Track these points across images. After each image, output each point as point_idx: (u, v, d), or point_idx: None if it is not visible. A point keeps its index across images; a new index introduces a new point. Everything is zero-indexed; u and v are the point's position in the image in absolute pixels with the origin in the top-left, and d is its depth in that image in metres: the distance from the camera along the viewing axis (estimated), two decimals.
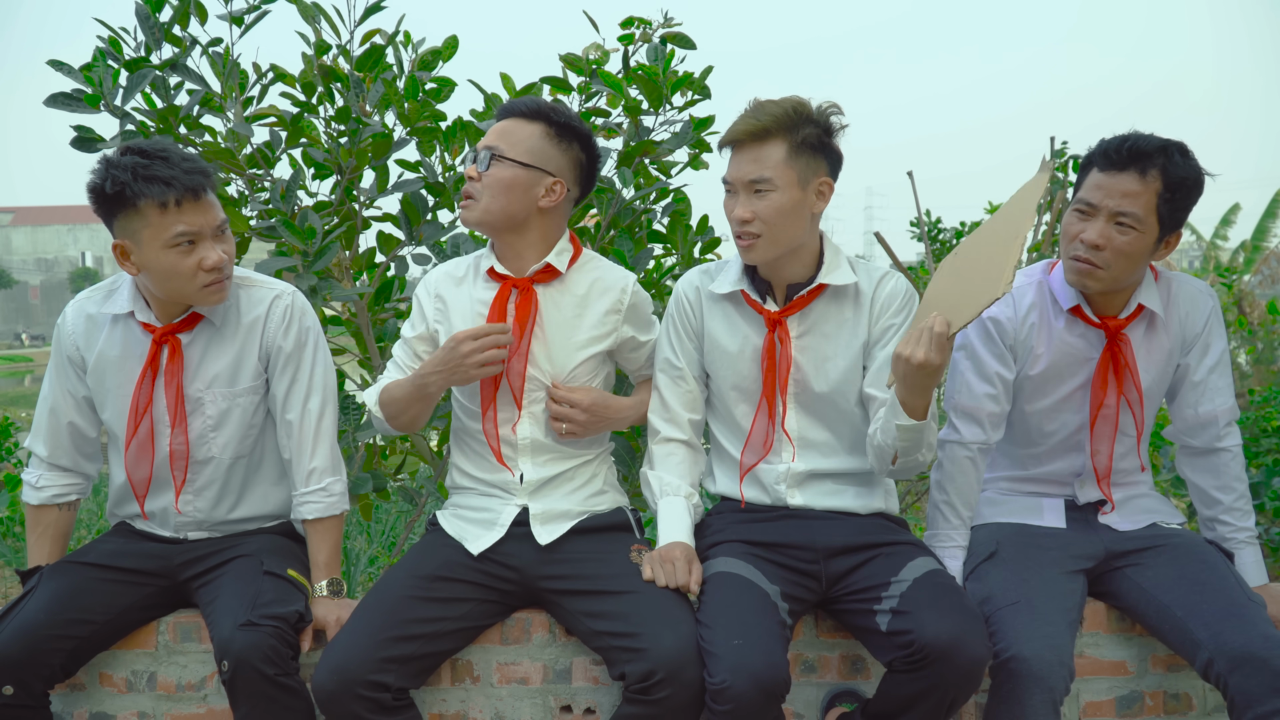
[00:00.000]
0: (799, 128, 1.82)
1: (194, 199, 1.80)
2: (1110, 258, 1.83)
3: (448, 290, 2.03)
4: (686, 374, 2.03)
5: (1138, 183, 1.79)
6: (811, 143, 1.84)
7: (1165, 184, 1.79)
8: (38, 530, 2.01)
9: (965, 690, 1.67)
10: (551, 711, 1.95)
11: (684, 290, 2.05)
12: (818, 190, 1.87)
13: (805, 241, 1.91)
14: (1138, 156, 1.79)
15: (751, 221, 1.84)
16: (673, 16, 2.66)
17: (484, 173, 1.91)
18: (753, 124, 1.82)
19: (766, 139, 1.83)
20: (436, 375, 1.87)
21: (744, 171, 1.84)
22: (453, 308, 2.01)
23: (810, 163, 1.85)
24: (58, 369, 1.99)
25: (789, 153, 1.82)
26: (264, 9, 2.51)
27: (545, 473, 1.99)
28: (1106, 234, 1.82)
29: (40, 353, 32.10)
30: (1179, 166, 1.79)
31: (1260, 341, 5.52)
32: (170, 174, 1.77)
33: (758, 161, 1.83)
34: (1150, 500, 2.06)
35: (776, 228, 1.84)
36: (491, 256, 2.00)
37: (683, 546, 1.89)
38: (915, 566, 1.78)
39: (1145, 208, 1.80)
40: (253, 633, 1.74)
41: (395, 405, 1.97)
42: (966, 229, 5.98)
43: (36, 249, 56.31)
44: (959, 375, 2.04)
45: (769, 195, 1.83)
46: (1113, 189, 1.81)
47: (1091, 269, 1.85)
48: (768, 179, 1.82)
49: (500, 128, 1.95)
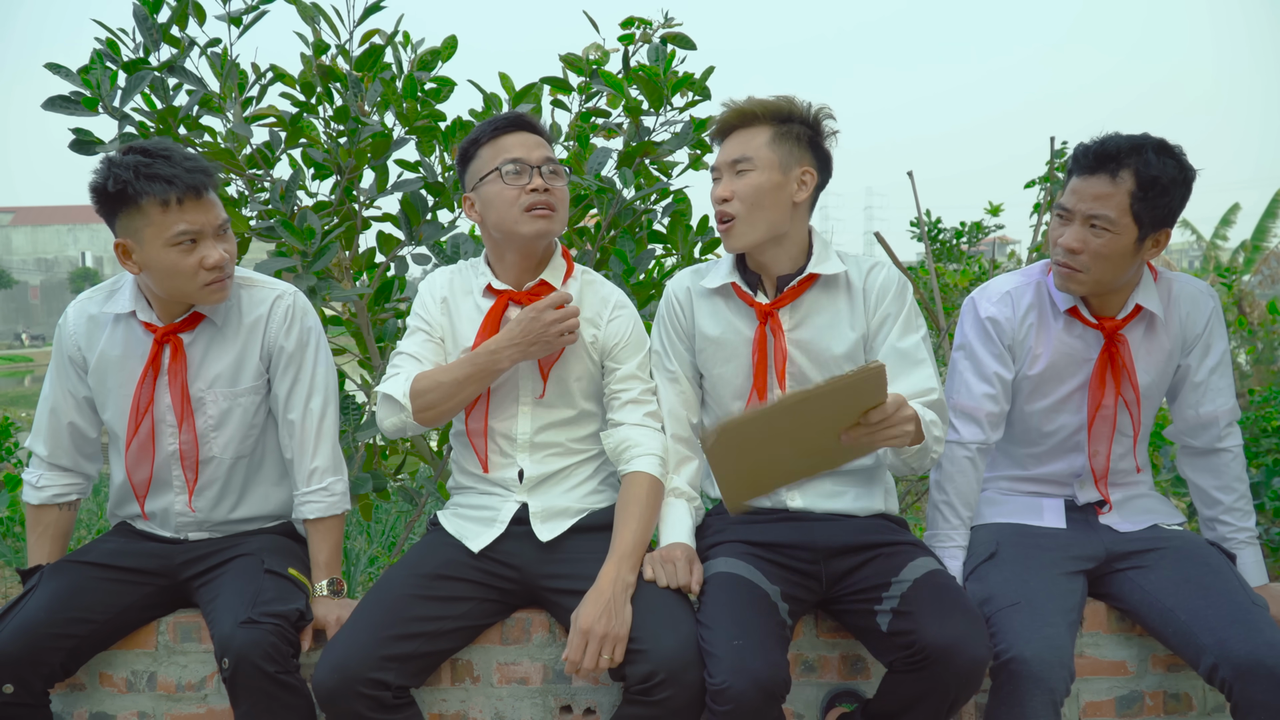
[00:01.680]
0: (786, 119, 1.87)
1: (195, 197, 1.80)
2: (1089, 261, 1.84)
3: (452, 296, 2.04)
4: (680, 375, 2.03)
5: (1109, 185, 1.80)
6: (797, 135, 1.88)
7: (1138, 183, 1.78)
8: (38, 530, 2.01)
9: (966, 691, 1.67)
10: (551, 711, 1.95)
11: (674, 290, 2.05)
12: (799, 179, 1.88)
13: (790, 232, 1.91)
14: (1106, 159, 1.80)
15: (730, 200, 1.87)
16: (673, 17, 2.67)
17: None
18: (739, 111, 1.88)
19: (753, 123, 1.88)
20: (512, 348, 1.86)
21: (727, 154, 1.89)
22: (457, 314, 2.02)
23: (794, 151, 1.88)
24: (59, 369, 1.99)
25: (773, 137, 1.87)
26: (262, 9, 2.51)
27: (544, 469, 1.99)
28: (1083, 237, 1.83)
29: (40, 353, 32.11)
30: (1152, 165, 1.78)
31: (1260, 341, 5.52)
32: (172, 172, 1.77)
33: (741, 144, 1.88)
34: (1150, 500, 2.06)
35: (753, 207, 1.86)
36: (488, 272, 2.01)
37: (683, 547, 1.89)
38: (916, 567, 1.78)
39: (1118, 209, 1.80)
40: (253, 630, 1.74)
41: (441, 390, 1.88)
42: (966, 228, 5.97)
43: (36, 249, 56.30)
44: (958, 375, 2.04)
45: (748, 175, 1.86)
46: (1085, 192, 1.82)
47: (1072, 273, 1.87)
48: (748, 158, 1.86)
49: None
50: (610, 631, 1.70)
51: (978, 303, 2.04)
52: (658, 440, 1.96)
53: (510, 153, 1.91)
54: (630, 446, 1.94)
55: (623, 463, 1.94)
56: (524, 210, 1.89)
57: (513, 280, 2.00)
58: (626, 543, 1.83)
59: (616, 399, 2.00)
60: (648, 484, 1.90)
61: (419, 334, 2.02)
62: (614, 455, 1.97)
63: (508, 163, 1.90)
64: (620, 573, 1.78)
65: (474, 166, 1.95)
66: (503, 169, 1.90)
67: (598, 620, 1.70)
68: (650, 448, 1.94)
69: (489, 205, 1.93)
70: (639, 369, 2.02)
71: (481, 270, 2.03)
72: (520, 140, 1.93)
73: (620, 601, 1.74)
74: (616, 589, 1.75)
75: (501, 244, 1.97)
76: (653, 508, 1.90)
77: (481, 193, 1.94)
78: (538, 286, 1.98)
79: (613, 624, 1.70)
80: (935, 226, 6.06)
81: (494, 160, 1.91)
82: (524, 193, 1.89)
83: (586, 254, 2.70)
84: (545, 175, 1.91)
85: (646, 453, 1.93)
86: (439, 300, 2.04)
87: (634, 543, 1.83)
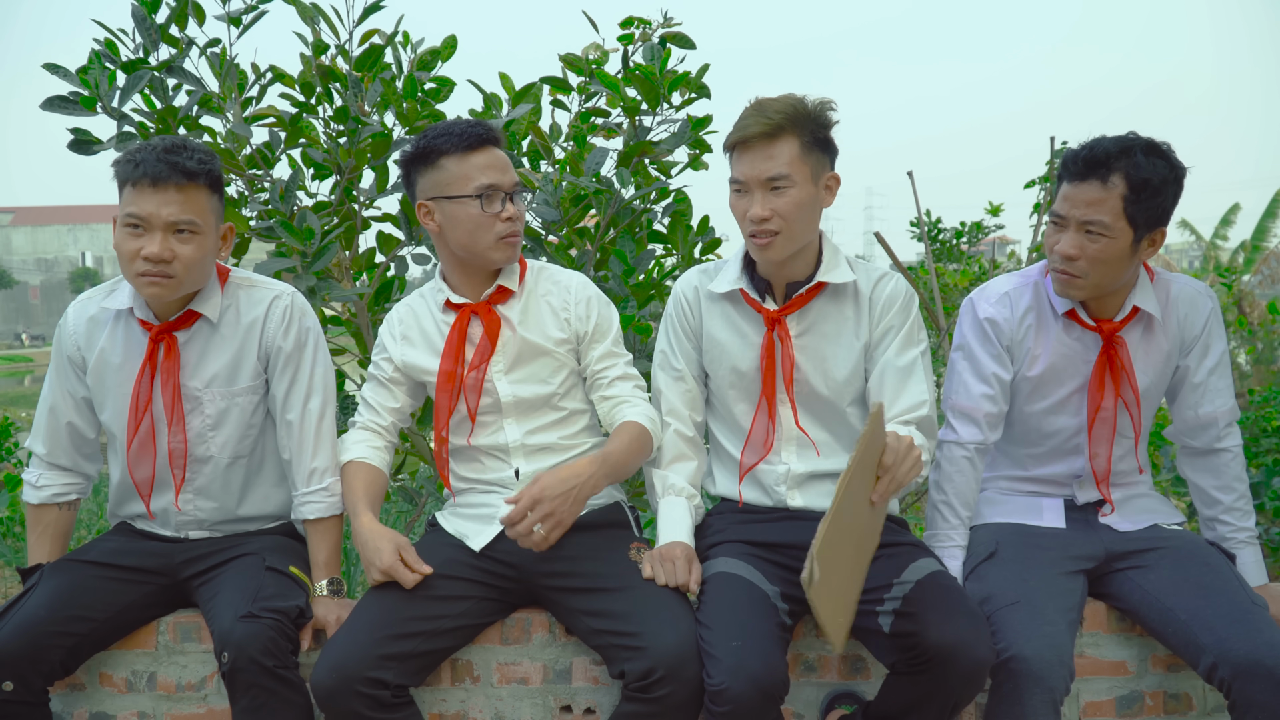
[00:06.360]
0: (806, 124, 1.84)
1: (151, 185, 1.79)
2: (1087, 266, 1.84)
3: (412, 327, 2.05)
4: (686, 374, 2.03)
5: (1100, 190, 1.80)
6: (819, 138, 1.86)
7: (1129, 186, 1.78)
8: (38, 530, 2.02)
9: (969, 692, 1.67)
10: (551, 711, 1.95)
11: (682, 290, 2.05)
12: (826, 185, 1.89)
13: (811, 239, 1.92)
14: (1095, 165, 1.80)
15: (770, 219, 1.84)
16: (672, 16, 2.66)
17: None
18: (765, 122, 1.82)
19: (779, 136, 1.83)
20: (360, 541, 1.86)
21: (759, 169, 1.83)
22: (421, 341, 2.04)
23: (820, 158, 1.87)
24: (58, 369, 1.99)
25: (801, 149, 1.83)
26: (261, 9, 2.51)
27: (540, 465, 1.99)
28: (1079, 244, 1.83)
29: (40, 353, 32.10)
30: (1142, 166, 1.78)
31: (1260, 341, 5.52)
32: (144, 157, 1.78)
33: (772, 158, 1.83)
34: (1150, 500, 2.06)
35: (795, 223, 1.85)
36: (445, 287, 2.02)
37: (683, 546, 1.89)
38: (918, 568, 1.78)
39: (1112, 213, 1.80)
40: (253, 624, 1.74)
41: (345, 499, 1.97)
42: (966, 228, 5.97)
43: (36, 249, 56.30)
44: (956, 376, 2.04)
45: (788, 191, 1.83)
46: (1077, 199, 1.82)
47: (1071, 279, 1.87)
48: (786, 175, 1.82)
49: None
50: (557, 511, 1.73)
51: (976, 304, 2.04)
52: (648, 406, 2.00)
53: (485, 176, 1.90)
54: (624, 406, 1.98)
55: (614, 421, 1.97)
56: (498, 239, 1.92)
57: (470, 292, 2.01)
58: (613, 453, 1.86)
59: (601, 379, 2.02)
60: (636, 428, 1.94)
61: (373, 380, 2.07)
62: (606, 418, 1.99)
63: (485, 188, 1.90)
64: (596, 472, 1.80)
65: (436, 177, 1.92)
66: (483, 198, 1.90)
67: (555, 496, 1.73)
68: (640, 409, 1.97)
69: (456, 224, 1.92)
70: (614, 345, 2.04)
71: (439, 287, 2.04)
72: (492, 161, 1.92)
73: (583, 494, 1.78)
74: (585, 484, 1.78)
75: (464, 260, 1.98)
76: (640, 444, 1.93)
77: (447, 209, 1.92)
78: (495, 294, 1.99)
79: (564, 507, 1.74)
80: (935, 226, 6.07)
81: (466, 181, 1.90)
82: (499, 220, 1.91)
83: (586, 254, 2.70)
84: (516, 201, 1.94)
85: (637, 411, 1.96)
86: (398, 339, 2.05)
87: (619, 457, 1.87)
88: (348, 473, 1.98)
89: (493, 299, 1.99)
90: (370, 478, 1.97)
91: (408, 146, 1.97)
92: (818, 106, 1.86)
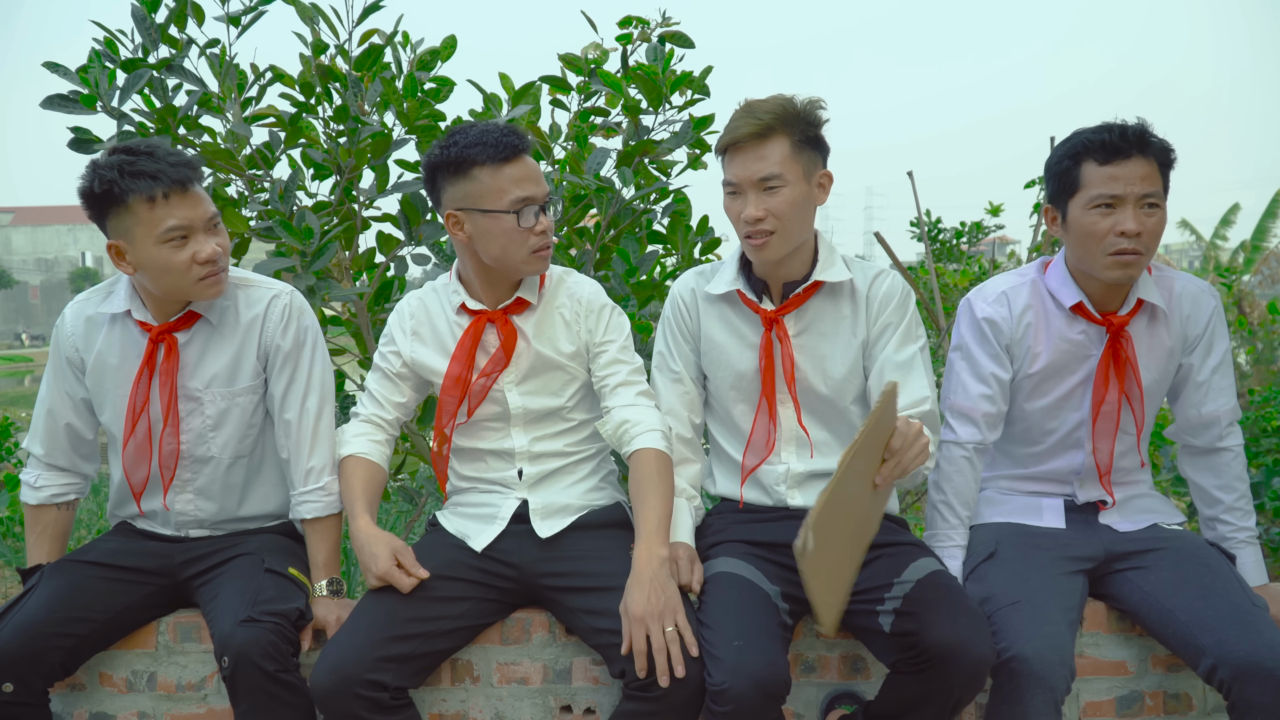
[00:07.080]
0: (796, 123, 1.83)
1: (181, 191, 1.79)
2: (1149, 241, 1.86)
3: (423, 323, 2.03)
4: (684, 376, 2.03)
5: (1145, 164, 1.84)
6: (810, 136, 1.85)
7: (1159, 161, 1.86)
8: (37, 530, 2.02)
9: (969, 692, 1.67)
10: (551, 711, 1.95)
11: (679, 292, 2.05)
12: (819, 183, 1.88)
13: (805, 237, 1.91)
14: (1138, 140, 1.84)
15: (764, 219, 1.83)
16: (671, 16, 2.66)
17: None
18: (755, 123, 1.82)
19: (769, 136, 1.82)
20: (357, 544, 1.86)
21: (751, 170, 1.83)
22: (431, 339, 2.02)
23: (812, 156, 1.86)
24: (56, 370, 1.99)
25: (792, 148, 1.83)
26: (261, 9, 2.50)
27: (544, 468, 1.99)
28: (1140, 219, 1.85)
29: (40, 353, 32.08)
30: (1159, 141, 1.87)
31: (1260, 341, 5.51)
32: (156, 168, 1.77)
33: (763, 159, 1.83)
34: (1150, 500, 2.06)
35: (790, 222, 1.84)
36: (462, 290, 2.00)
37: (684, 547, 1.90)
38: (918, 567, 1.78)
39: (1161, 185, 1.86)
40: (253, 628, 1.74)
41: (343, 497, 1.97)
42: (966, 228, 5.97)
43: (36, 249, 56.29)
44: (955, 376, 2.04)
45: (780, 191, 1.83)
46: (1131, 176, 1.84)
47: (1136, 257, 1.86)
48: (778, 174, 1.82)
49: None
50: (661, 607, 1.69)
51: (974, 304, 2.04)
52: (655, 416, 1.95)
53: (520, 189, 1.85)
54: (629, 427, 1.91)
55: (624, 445, 1.92)
56: (531, 252, 1.89)
57: (489, 300, 1.98)
58: (650, 522, 1.81)
59: (606, 384, 1.98)
60: (654, 459, 1.88)
61: (379, 371, 2.04)
62: (614, 440, 1.94)
63: (520, 202, 1.85)
64: (653, 551, 1.77)
65: (467, 188, 1.86)
66: (521, 214, 1.85)
67: (646, 602, 1.69)
68: (649, 424, 1.92)
69: (489, 238, 1.88)
70: (621, 352, 2.00)
71: (455, 289, 2.01)
72: (526, 172, 1.87)
73: (662, 577, 1.73)
74: (654, 567, 1.74)
75: (491, 270, 1.94)
76: (666, 480, 1.87)
77: (479, 222, 1.87)
78: (513, 305, 1.97)
79: (661, 599, 1.69)
80: (935, 226, 6.07)
81: (501, 194, 1.84)
82: (533, 234, 1.88)
83: (586, 254, 2.70)
84: (548, 212, 1.91)
85: (646, 429, 1.91)
86: (408, 333, 2.03)
87: (657, 520, 1.81)
88: (346, 469, 1.97)
89: (510, 309, 1.97)
90: (369, 475, 1.96)
91: (435, 151, 1.90)
92: (807, 105, 1.86)
